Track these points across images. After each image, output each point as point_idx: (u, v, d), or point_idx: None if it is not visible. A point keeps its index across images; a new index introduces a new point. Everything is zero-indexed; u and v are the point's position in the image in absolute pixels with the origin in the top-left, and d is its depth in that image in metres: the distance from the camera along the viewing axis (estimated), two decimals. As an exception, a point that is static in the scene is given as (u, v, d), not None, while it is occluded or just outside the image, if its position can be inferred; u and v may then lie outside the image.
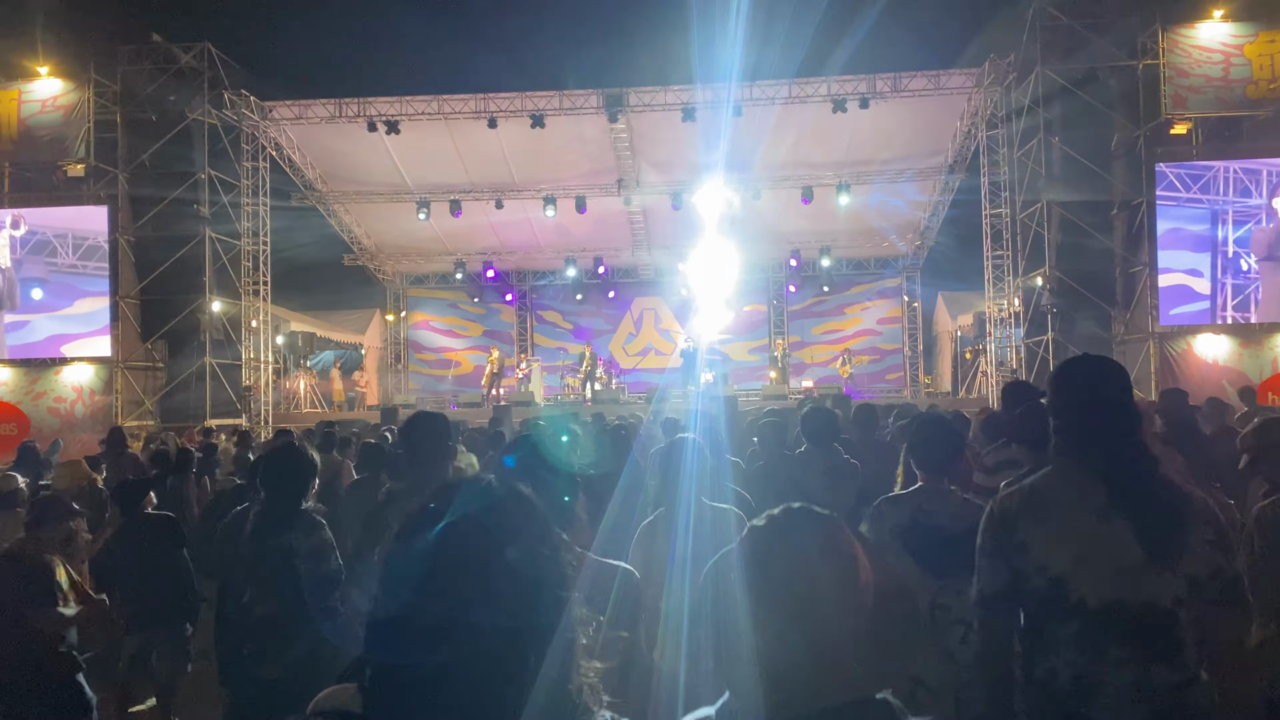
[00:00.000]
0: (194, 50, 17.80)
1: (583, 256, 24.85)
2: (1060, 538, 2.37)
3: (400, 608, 1.21)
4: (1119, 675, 2.29)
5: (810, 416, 5.49)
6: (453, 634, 1.18)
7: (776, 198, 21.69)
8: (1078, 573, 2.33)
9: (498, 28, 36.42)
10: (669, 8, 23.00)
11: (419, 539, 1.24)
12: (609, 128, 19.37)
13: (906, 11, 20.12)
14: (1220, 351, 16.38)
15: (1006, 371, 18.70)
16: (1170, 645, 2.30)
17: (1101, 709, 2.30)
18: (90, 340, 17.56)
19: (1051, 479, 2.49)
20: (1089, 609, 2.31)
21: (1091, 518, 2.35)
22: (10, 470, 7.47)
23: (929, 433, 3.81)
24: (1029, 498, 2.47)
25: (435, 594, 1.19)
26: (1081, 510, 2.37)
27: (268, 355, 19.90)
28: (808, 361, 24.62)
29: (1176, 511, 2.35)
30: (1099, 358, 2.69)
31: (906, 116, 19.20)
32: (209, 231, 17.79)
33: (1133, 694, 2.28)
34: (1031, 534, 2.41)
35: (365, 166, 21.19)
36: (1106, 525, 2.34)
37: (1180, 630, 2.30)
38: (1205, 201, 16.40)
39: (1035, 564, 2.38)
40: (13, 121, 17.48)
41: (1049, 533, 2.39)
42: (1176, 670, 2.29)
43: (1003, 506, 2.51)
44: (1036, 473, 2.58)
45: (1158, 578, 2.29)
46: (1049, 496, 2.44)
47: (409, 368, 27.12)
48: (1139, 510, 2.33)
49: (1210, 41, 16.33)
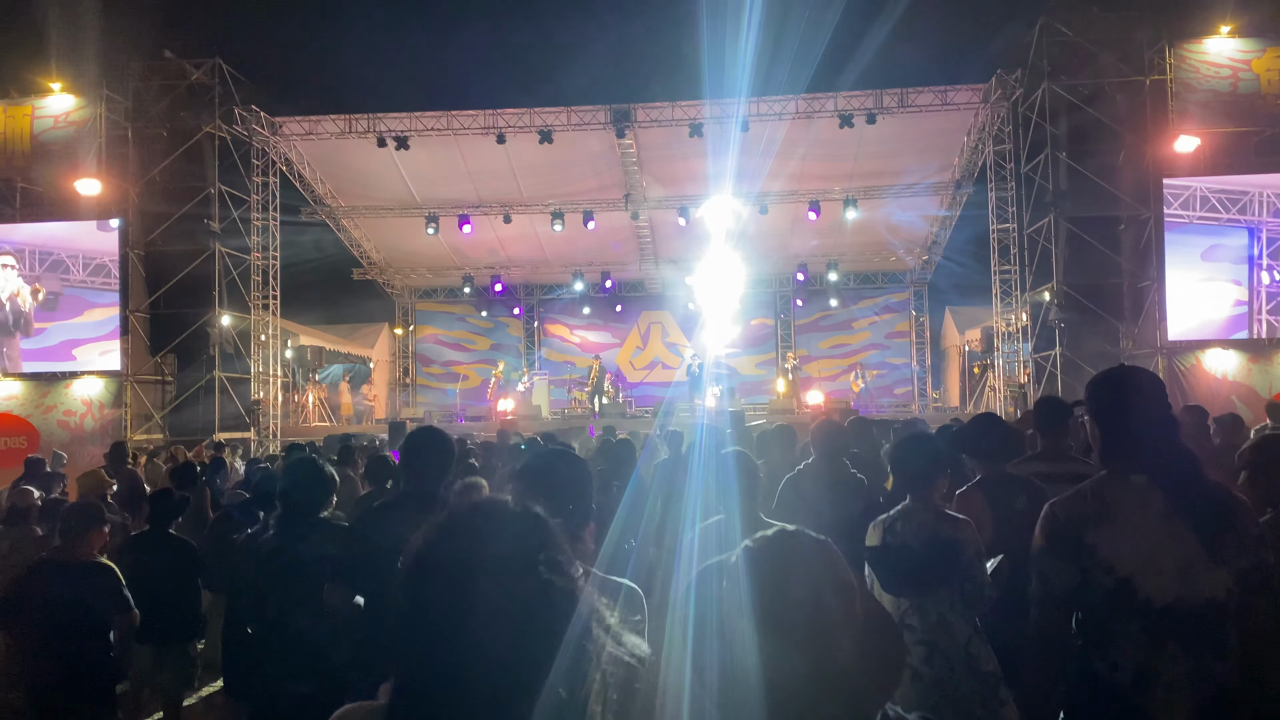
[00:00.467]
0: (205, 66, 17.94)
1: (590, 270, 24.92)
2: (1127, 539, 2.50)
3: (421, 629, 1.23)
4: (1174, 667, 2.42)
5: (820, 430, 5.49)
6: (472, 656, 1.19)
7: (783, 212, 21.74)
8: (1144, 572, 2.46)
9: (506, 44, 36.65)
10: (677, 24, 23.13)
11: (439, 561, 1.26)
12: (616, 143, 19.45)
13: (914, 27, 20.17)
14: (1229, 366, 16.31)
15: (1014, 387, 18.66)
16: (1220, 637, 2.43)
17: (1154, 699, 2.43)
18: (101, 344, 17.69)
19: (1110, 484, 2.61)
20: (1154, 606, 2.44)
21: (1154, 520, 2.48)
22: (22, 485, 7.51)
23: (906, 450, 3.84)
24: (1093, 502, 2.58)
25: (454, 617, 1.21)
26: (1144, 513, 2.50)
27: (277, 369, 19.96)
28: (815, 376, 24.59)
29: (1228, 509, 2.50)
30: (1136, 368, 2.85)
31: (914, 132, 19.23)
32: (219, 246, 17.88)
33: (1185, 685, 2.41)
34: (1098, 536, 2.53)
35: (375, 181, 21.30)
36: (1167, 526, 2.47)
37: (1229, 622, 2.44)
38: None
39: (1103, 565, 2.50)
40: (25, 137, 17.62)
41: (1116, 535, 2.51)
42: (1222, 659, 2.43)
43: (1067, 511, 2.62)
44: (1088, 479, 2.69)
45: (1214, 574, 2.42)
46: (1112, 500, 2.56)
47: (417, 381, 27.18)
48: (1194, 510, 2.47)
49: (1218, 56, 16.34)
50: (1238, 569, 2.42)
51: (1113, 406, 2.66)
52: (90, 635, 4.62)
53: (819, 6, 14.96)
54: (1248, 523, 2.49)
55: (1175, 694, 2.41)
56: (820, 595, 1.43)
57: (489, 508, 1.33)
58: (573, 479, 2.54)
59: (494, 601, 1.21)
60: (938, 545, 3.48)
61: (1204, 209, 16.38)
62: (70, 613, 4.53)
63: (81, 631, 4.57)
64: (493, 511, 1.32)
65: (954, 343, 25.32)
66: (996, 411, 18.34)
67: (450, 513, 1.32)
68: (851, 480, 5.22)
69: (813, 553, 1.48)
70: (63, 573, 4.61)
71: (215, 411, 17.47)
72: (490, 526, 1.29)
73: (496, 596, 1.22)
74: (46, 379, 17.75)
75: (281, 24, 31.19)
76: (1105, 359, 16.58)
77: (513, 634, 1.21)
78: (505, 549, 1.26)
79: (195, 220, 17.64)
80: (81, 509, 4.97)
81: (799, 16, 15.35)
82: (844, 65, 17.64)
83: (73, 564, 4.67)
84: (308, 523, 3.97)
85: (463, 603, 1.21)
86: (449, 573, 1.24)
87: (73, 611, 4.54)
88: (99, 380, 17.63)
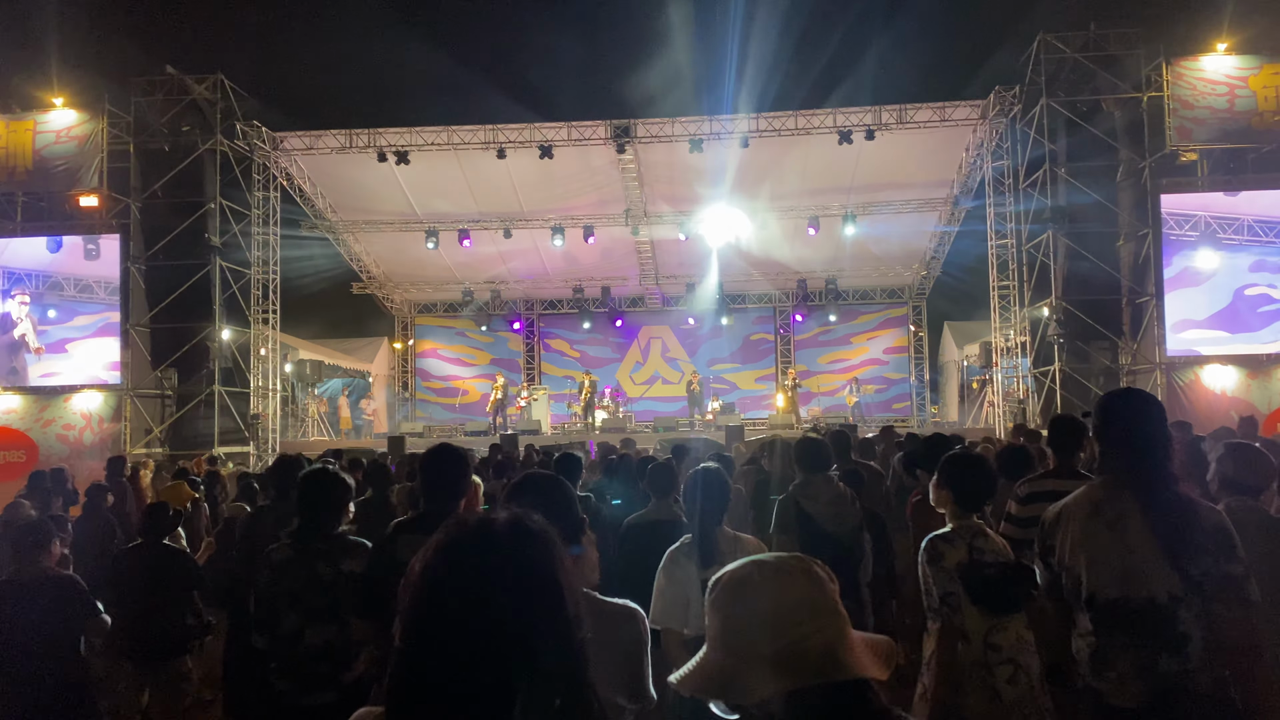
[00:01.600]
0: (207, 82, 18.01)
1: (590, 285, 24.96)
2: (1077, 544, 2.84)
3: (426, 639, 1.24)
4: (1124, 656, 2.71)
5: (802, 446, 5.48)
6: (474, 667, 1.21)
7: (783, 227, 21.79)
8: (1092, 571, 2.78)
9: (507, 60, 36.82)
10: (677, 41, 23.25)
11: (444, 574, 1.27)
12: (617, 158, 19.51)
13: (912, 44, 20.30)
14: (1228, 382, 16.34)
15: (1013, 402, 18.67)
16: (1169, 635, 2.66)
17: (1107, 681, 2.74)
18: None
19: (1078, 496, 2.96)
20: (1098, 601, 2.76)
21: (1103, 527, 2.79)
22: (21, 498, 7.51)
23: (969, 470, 3.81)
24: (1059, 512, 2.97)
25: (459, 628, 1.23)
26: (1094, 520, 2.82)
27: (276, 383, 19.96)
28: (814, 391, 24.61)
29: (1188, 519, 2.72)
30: (1128, 391, 3.18)
31: (912, 148, 19.30)
32: (219, 260, 17.91)
33: (1133, 673, 2.69)
34: (1059, 541, 2.92)
35: (375, 196, 21.36)
36: (1115, 532, 2.76)
37: (1182, 625, 2.65)
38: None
39: (1063, 564, 2.89)
40: (27, 152, 17.68)
41: (1069, 540, 2.87)
42: (1180, 659, 2.65)
43: (1045, 518, 3.04)
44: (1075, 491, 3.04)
45: (1163, 577, 2.67)
46: (1071, 510, 2.92)
47: (416, 396, 27.17)
48: (1157, 518, 2.72)
49: (1215, 74, 16.42)
50: (1190, 575, 2.64)
51: (1100, 423, 3.00)
52: (57, 654, 4.50)
53: (818, 24, 15.06)
54: (1208, 533, 2.69)
55: (1126, 681, 2.70)
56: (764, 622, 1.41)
57: (496, 524, 1.34)
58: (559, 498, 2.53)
59: (504, 615, 1.23)
60: (1017, 563, 3.51)
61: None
62: (33, 632, 4.42)
63: (48, 651, 4.46)
64: (501, 527, 1.33)
65: (953, 358, 25.34)
66: (994, 428, 18.34)
67: (458, 528, 1.33)
68: (845, 494, 5.23)
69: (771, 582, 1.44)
70: (20, 592, 4.53)
71: (215, 426, 17.45)
72: (501, 542, 1.30)
73: (506, 610, 1.24)
74: (46, 393, 17.76)
75: (283, 40, 31.33)
76: (1104, 374, 16.63)
77: (522, 645, 1.23)
78: (514, 564, 1.28)
79: (196, 235, 17.67)
80: (32, 526, 4.90)
81: (798, 34, 15.45)
82: (843, 82, 17.77)
83: (28, 581, 4.58)
84: (328, 534, 3.96)
85: (465, 619, 1.23)
86: (460, 587, 1.26)
87: (36, 630, 4.43)
88: (98, 394, 17.64)
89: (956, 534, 3.62)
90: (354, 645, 3.70)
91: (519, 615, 1.24)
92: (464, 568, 1.27)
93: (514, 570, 1.27)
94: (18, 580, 4.62)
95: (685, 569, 3.69)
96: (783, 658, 1.35)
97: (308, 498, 3.99)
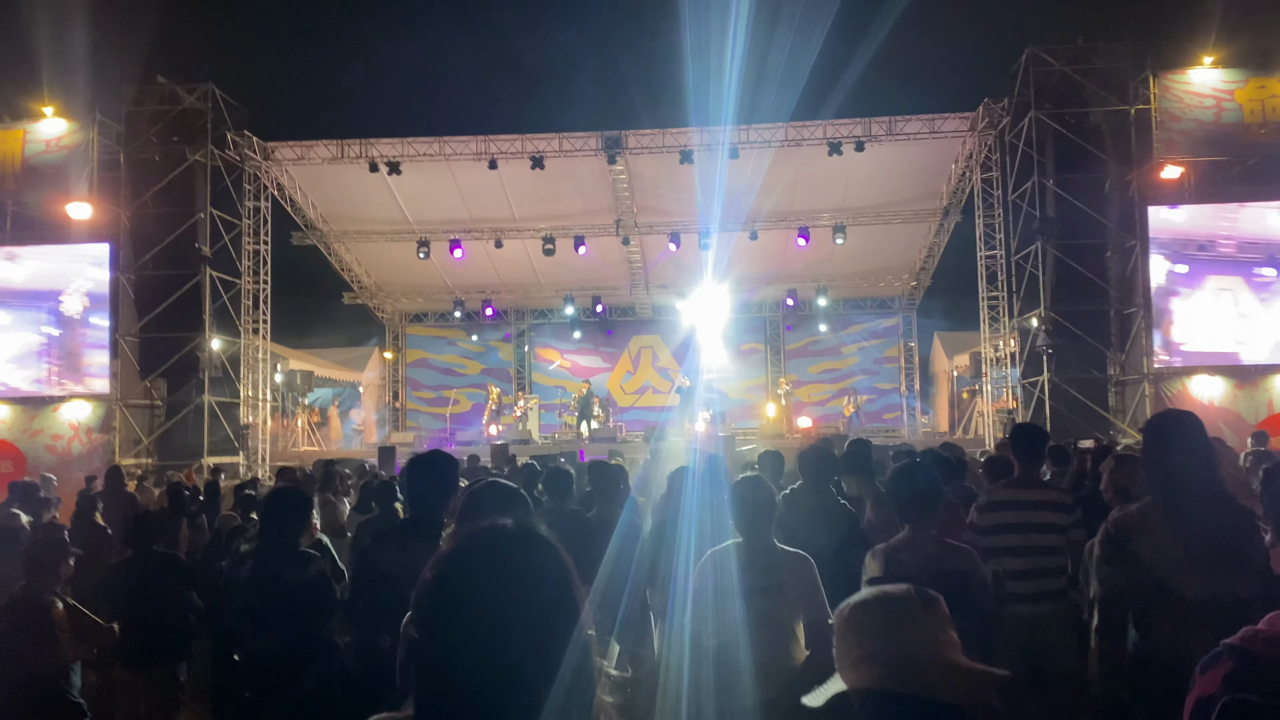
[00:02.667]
0: (198, 91, 17.99)
1: (581, 295, 24.97)
2: (1163, 549, 3.09)
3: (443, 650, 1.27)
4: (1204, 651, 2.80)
5: (807, 454, 5.49)
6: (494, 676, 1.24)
7: (773, 238, 21.86)
8: (1176, 575, 3.03)
9: (498, 71, 36.88)
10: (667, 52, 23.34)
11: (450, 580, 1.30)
12: (608, 169, 19.56)
13: (902, 56, 20.42)
14: (1216, 393, 16.43)
15: (1003, 412, 18.74)
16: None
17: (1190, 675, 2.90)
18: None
19: (1153, 506, 3.23)
20: (1185, 601, 2.97)
21: (1177, 536, 3.07)
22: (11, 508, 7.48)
23: (904, 479, 3.85)
24: (1139, 520, 3.23)
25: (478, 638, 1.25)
26: (1171, 529, 3.10)
27: (266, 393, 19.91)
28: (805, 400, 24.65)
29: (1247, 526, 3.10)
30: (1175, 413, 3.53)
31: (902, 159, 19.41)
32: (209, 270, 17.87)
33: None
34: (1142, 547, 3.16)
35: (366, 206, 21.35)
36: (1188, 540, 3.04)
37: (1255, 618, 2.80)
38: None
39: (1144, 569, 3.12)
40: (16, 161, 17.63)
41: (1155, 546, 3.12)
42: None
43: (1118, 527, 3.30)
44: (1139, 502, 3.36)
45: (1237, 577, 2.96)
46: (1154, 519, 3.19)
47: (407, 405, 27.12)
48: (1219, 527, 3.04)
49: (1201, 87, 16.56)
50: (1257, 573, 3.00)
51: (1148, 445, 3.33)
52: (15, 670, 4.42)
53: (807, 35, 15.15)
54: (1257, 537, 3.12)
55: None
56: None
57: (509, 532, 1.37)
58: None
59: (516, 623, 1.26)
60: (944, 576, 3.48)
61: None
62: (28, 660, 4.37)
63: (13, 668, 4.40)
64: (513, 535, 1.36)
65: (943, 368, 25.43)
66: (984, 438, 18.41)
67: (470, 536, 1.36)
68: (836, 508, 5.21)
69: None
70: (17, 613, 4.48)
71: (204, 436, 17.39)
72: (513, 550, 1.33)
73: (519, 618, 1.26)
74: (34, 403, 17.67)
75: (274, 50, 31.37)
76: (1093, 385, 16.71)
77: (535, 654, 1.26)
78: (528, 573, 1.31)
79: (186, 244, 17.63)
80: (46, 543, 4.89)
81: (787, 45, 15.53)
82: (832, 93, 17.85)
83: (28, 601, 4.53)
84: (281, 549, 3.98)
85: (486, 624, 1.25)
86: (472, 595, 1.29)
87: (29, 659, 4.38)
88: (87, 404, 17.56)
89: (891, 546, 3.73)
90: (305, 659, 3.70)
91: (538, 621, 1.27)
92: (480, 575, 1.30)
93: (531, 577, 1.31)
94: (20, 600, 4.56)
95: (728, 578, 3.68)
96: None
97: (267, 515, 4.04)
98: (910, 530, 3.74)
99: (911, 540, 3.70)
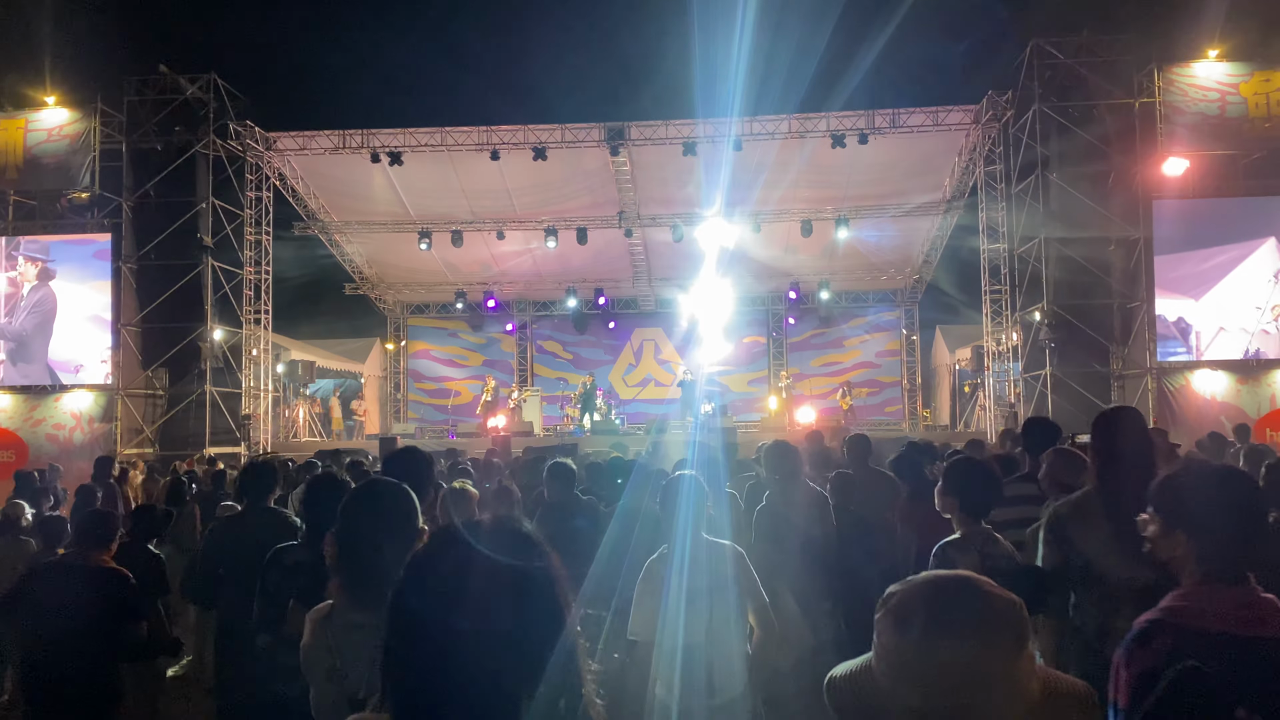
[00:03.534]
0: (200, 81, 17.97)
1: (583, 287, 24.93)
2: (1094, 533, 3.34)
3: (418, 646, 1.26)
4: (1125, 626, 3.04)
5: (772, 452, 5.52)
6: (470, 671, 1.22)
7: (776, 231, 21.83)
8: (1100, 557, 3.29)
9: (501, 62, 36.83)
10: (670, 43, 23.30)
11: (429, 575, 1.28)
12: (610, 160, 19.52)
13: (906, 49, 20.33)
14: (1218, 388, 16.40)
15: (1005, 406, 18.71)
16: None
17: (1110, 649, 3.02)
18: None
19: (1090, 495, 3.51)
20: (1108, 581, 3.25)
21: (1115, 519, 3.21)
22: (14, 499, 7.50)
23: (974, 477, 3.88)
24: (1076, 508, 3.49)
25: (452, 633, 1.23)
26: (1109, 515, 3.32)
27: (268, 384, 19.92)
28: (807, 394, 24.63)
29: None
30: (1119, 410, 3.83)
31: (905, 152, 19.36)
32: (211, 260, 17.87)
33: None
34: (1076, 531, 3.42)
35: (368, 197, 21.33)
36: (1123, 525, 3.06)
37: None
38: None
39: (1075, 551, 3.38)
40: (19, 150, 17.61)
41: (1087, 530, 3.38)
42: None
43: (1056, 513, 3.55)
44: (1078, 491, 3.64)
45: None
46: (1089, 506, 3.45)
47: (408, 397, 27.13)
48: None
49: (1206, 80, 16.49)
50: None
51: (1094, 437, 3.61)
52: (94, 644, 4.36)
53: (812, 27, 15.10)
54: None
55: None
56: None
57: (481, 526, 1.35)
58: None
59: (491, 617, 1.23)
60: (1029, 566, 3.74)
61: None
62: (74, 618, 4.27)
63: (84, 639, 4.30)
64: (485, 530, 1.34)
65: (944, 361, 25.39)
66: (985, 432, 18.38)
67: (443, 531, 1.34)
68: (817, 496, 5.29)
69: None
70: (71, 575, 4.42)
71: (206, 426, 17.41)
72: (486, 544, 1.31)
73: (494, 612, 1.24)
74: (36, 392, 17.69)
75: (277, 40, 31.31)
76: (1095, 379, 16.68)
77: (514, 648, 1.24)
78: (503, 566, 1.28)
79: (188, 234, 17.63)
80: (101, 517, 4.81)
81: (792, 37, 15.49)
82: (836, 85, 17.80)
83: (86, 567, 4.47)
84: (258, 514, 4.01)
85: (459, 619, 1.23)
86: (444, 589, 1.26)
87: (77, 616, 4.28)
88: (89, 394, 17.58)
89: (967, 540, 3.70)
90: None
91: (520, 619, 1.25)
92: (453, 574, 1.28)
93: (510, 574, 1.28)
94: (65, 564, 4.51)
95: (658, 579, 3.73)
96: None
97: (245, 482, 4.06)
98: (978, 526, 3.81)
99: (984, 535, 3.79)
